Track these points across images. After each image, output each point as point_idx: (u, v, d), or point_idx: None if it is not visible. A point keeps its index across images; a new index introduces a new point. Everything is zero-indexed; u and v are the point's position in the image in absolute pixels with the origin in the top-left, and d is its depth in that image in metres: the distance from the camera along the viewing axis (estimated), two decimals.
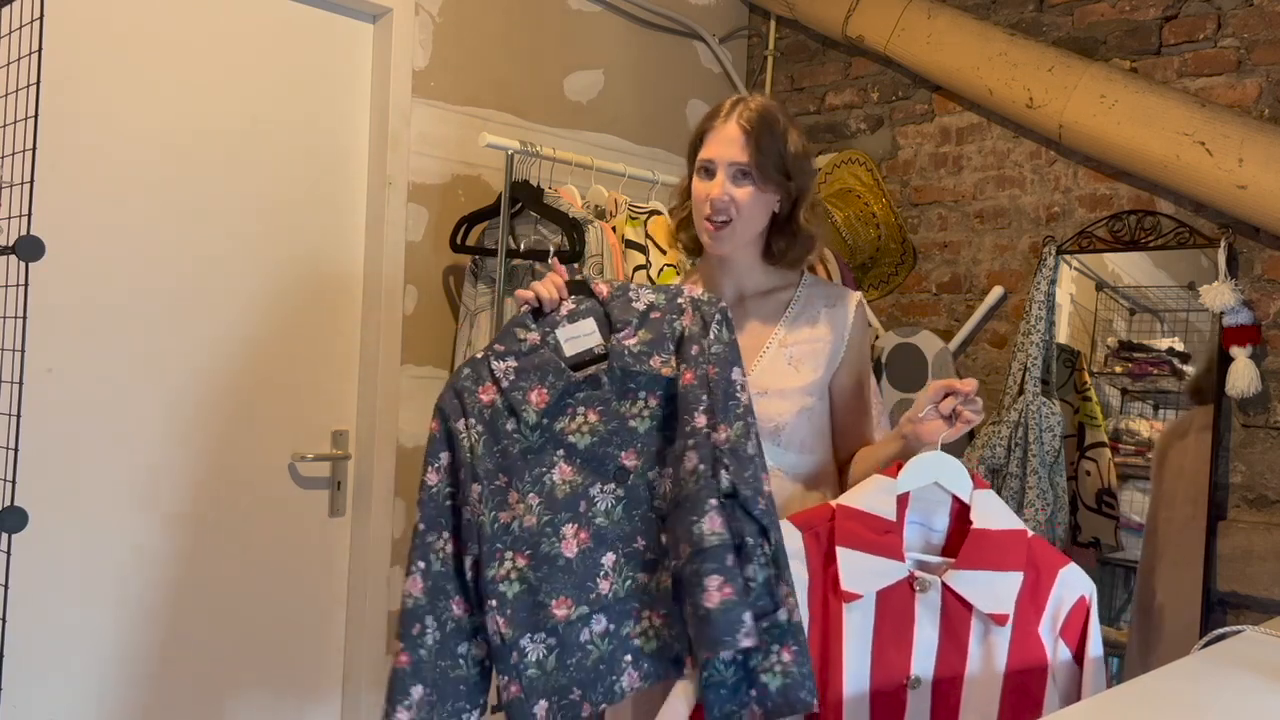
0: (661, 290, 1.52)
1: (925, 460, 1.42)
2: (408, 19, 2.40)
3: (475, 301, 2.37)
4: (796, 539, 1.40)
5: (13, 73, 1.53)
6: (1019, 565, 1.37)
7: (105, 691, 2.02)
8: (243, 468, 2.22)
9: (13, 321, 1.50)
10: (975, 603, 1.35)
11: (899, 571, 1.37)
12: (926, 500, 1.42)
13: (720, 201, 1.55)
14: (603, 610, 1.44)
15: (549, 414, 1.47)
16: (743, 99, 1.61)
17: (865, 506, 1.41)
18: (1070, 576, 1.39)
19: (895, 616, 1.37)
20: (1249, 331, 2.21)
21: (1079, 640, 1.37)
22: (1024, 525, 1.42)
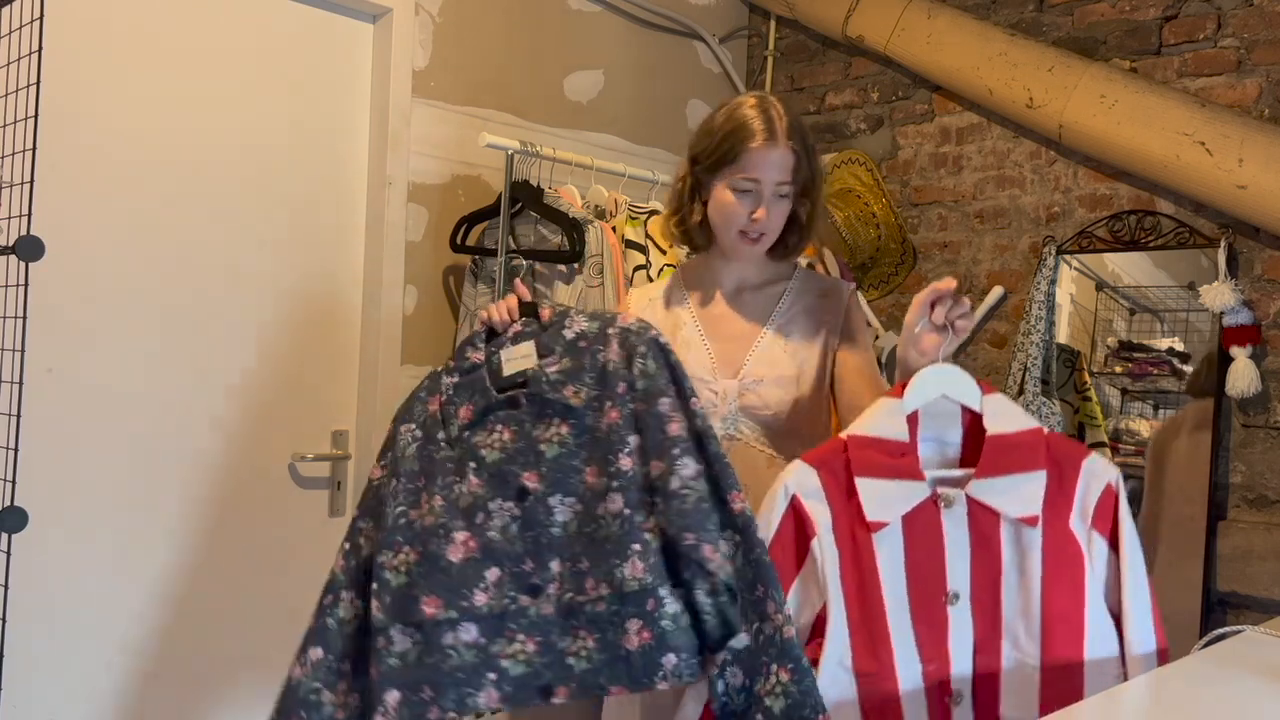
0: (597, 318, 1.54)
1: (928, 374, 1.39)
2: (408, 19, 2.40)
3: (475, 301, 2.37)
4: (813, 477, 1.38)
5: (13, 73, 1.53)
6: (1040, 464, 1.35)
7: (105, 691, 2.02)
8: (243, 468, 2.22)
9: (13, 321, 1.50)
10: (1003, 509, 1.34)
11: (922, 492, 1.35)
12: (936, 416, 1.40)
13: (762, 224, 1.58)
14: (474, 620, 1.47)
15: (470, 428, 1.55)
16: (771, 110, 1.59)
17: (876, 432, 1.38)
18: (1094, 466, 1.37)
19: (924, 537, 1.35)
20: (1249, 331, 2.21)
21: (1112, 528, 1.36)
22: (1038, 423, 1.40)
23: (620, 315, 1.55)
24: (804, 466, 1.39)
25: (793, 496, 1.37)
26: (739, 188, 1.58)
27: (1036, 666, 1.35)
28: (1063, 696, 1.33)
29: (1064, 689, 1.34)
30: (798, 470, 1.39)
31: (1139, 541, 1.37)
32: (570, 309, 1.59)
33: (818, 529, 1.36)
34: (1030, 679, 1.35)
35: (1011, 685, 1.36)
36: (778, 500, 1.37)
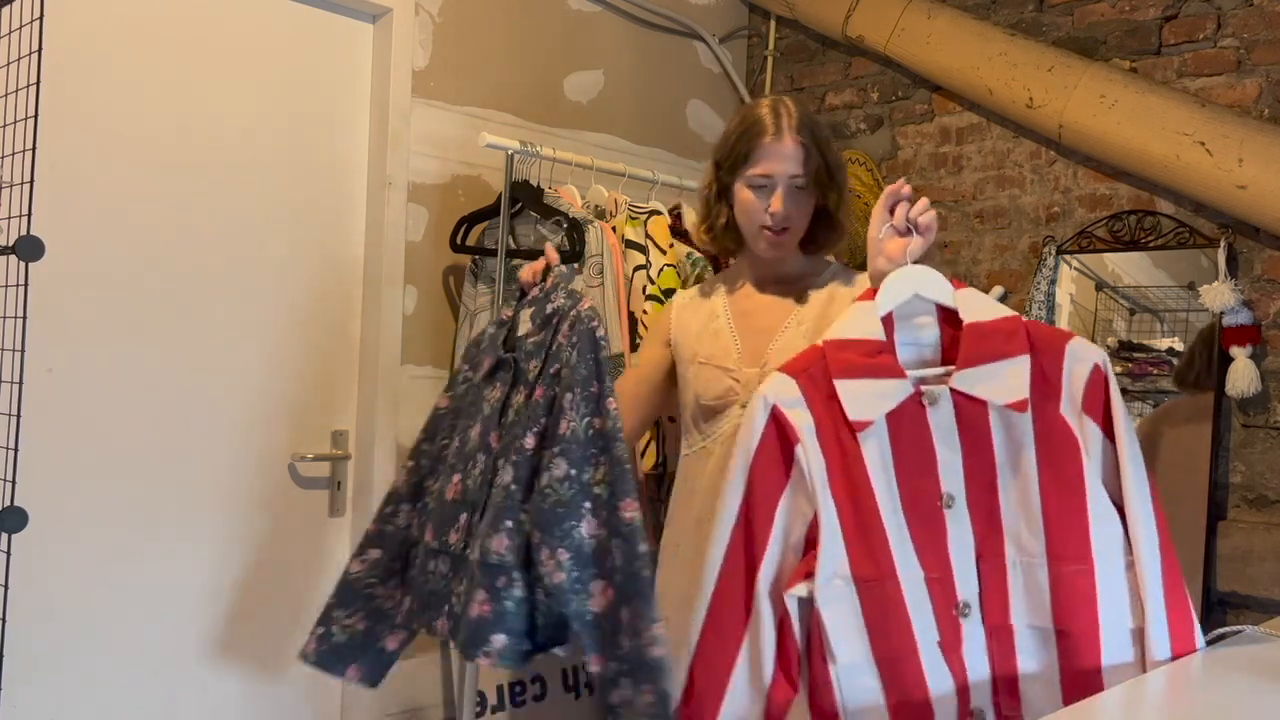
0: (572, 296, 1.62)
1: (899, 276, 1.37)
2: (408, 19, 2.40)
3: (475, 301, 2.37)
4: (791, 385, 1.33)
5: (13, 73, 1.53)
6: (1023, 349, 1.31)
7: (105, 691, 2.02)
8: (243, 468, 2.22)
9: (13, 321, 1.50)
10: (989, 397, 1.29)
11: (904, 389, 1.30)
12: (911, 318, 1.37)
13: (782, 215, 1.62)
14: (447, 555, 1.63)
15: (485, 379, 1.71)
16: (780, 107, 1.64)
17: (852, 334, 1.35)
18: (1078, 348, 1.33)
19: (911, 438, 1.30)
20: (1249, 331, 2.21)
21: (1103, 412, 1.31)
22: (1013, 312, 1.37)
23: (585, 297, 1.62)
24: (781, 376, 1.35)
25: (772, 406, 1.32)
26: (755, 184, 1.63)
27: (1044, 566, 1.29)
28: (1074, 596, 1.27)
29: (1074, 587, 1.28)
30: (775, 380, 1.35)
31: (1132, 423, 1.32)
32: (561, 280, 1.67)
33: (801, 436, 1.30)
34: (1038, 582, 1.29)
35: (1019, 591, 1.30)
36: (757, 412, 1.32)
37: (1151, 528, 1.28)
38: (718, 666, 1.27)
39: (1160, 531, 1.28)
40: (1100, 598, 1.27)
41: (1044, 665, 1.30)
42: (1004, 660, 1.31)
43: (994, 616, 1.31)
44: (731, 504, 1.30)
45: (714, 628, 1.29)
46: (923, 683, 1.26)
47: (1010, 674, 1.30)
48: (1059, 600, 1.28)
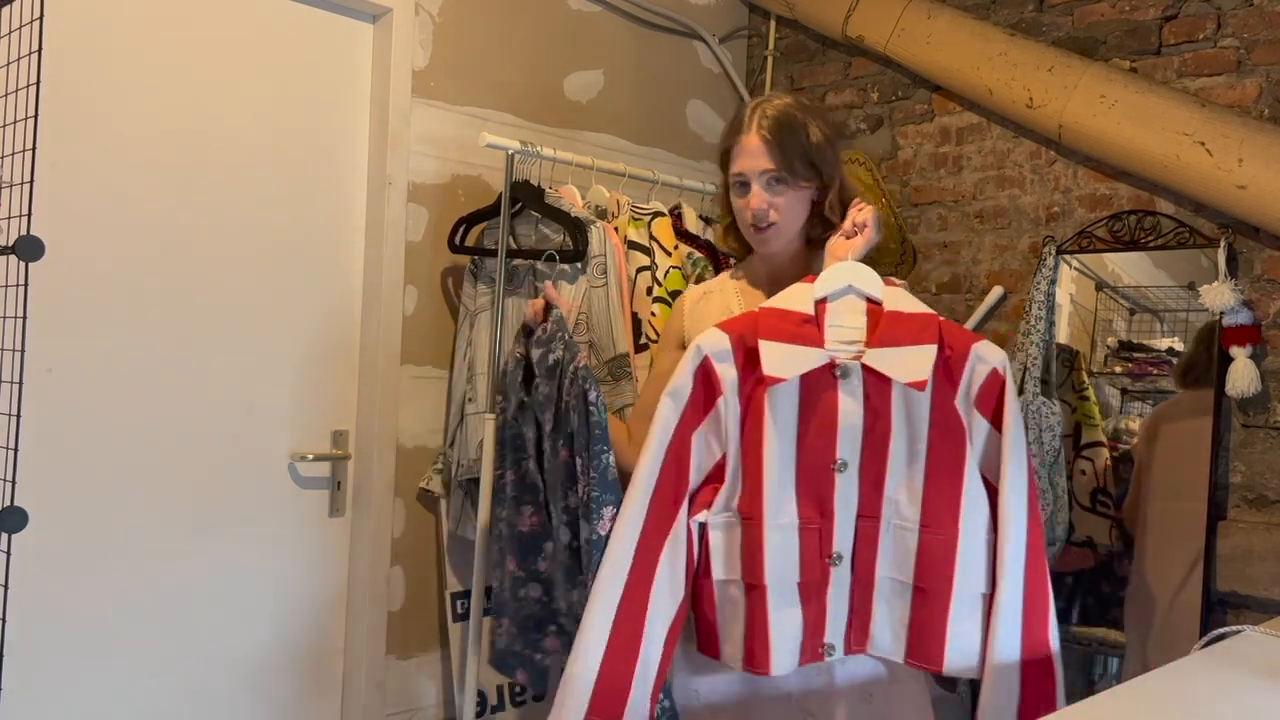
0: (570, 349, 1.73)
1: (839, 268, 1.53)
2: (408, 19, 2.40)
3: (475, 301, 2.37)
4: (724, 340, 1.50)
5: (13, 73, 1.53)
6: (932, 340, 1.46)
7: (105, 691, 2.02)
8: (243, 468, 2.21)
9: (13, 321, 1.50)
10: (893, 375, 1.44)
11: (820, 358, 1.46)
12: (842, 308, 1.52)
13: (760, 211, 1.64)
14: (538, 581, 1.76)
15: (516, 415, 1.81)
16: (760, 104, 1.66)
17: (785, 305, 1.51)
18: (983, 350, 1.48)
19: (819, 403, 1.47)
20: (1249, 331, 2.21)
21: (995, 409, 1.47)
22: (933, 311, 1.52)
23: (580, 353, 1.73)
24: (717, 331, 1.52)
25: (704, 356, 1.49)
26: (735, 183, 1.67)
27: (915, 532, 1.48)
28: (936, 559, 1.47)
29: (938, 552, 1.46)
30: (711, 334, 1.51)
31: (1023, 424, 1.48)
32: (562, 329, 1.76)
33: (724, 388, 1.49)
34: (907, 544, 1.49)
35: (889, 548, 1.49)
36: (690, 358, 1.50)
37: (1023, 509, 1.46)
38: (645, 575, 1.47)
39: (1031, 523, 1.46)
40: (958, 563, 1.46)
41: (897, 613, 1.50)
42: (863, 605, 1.51)
43: (862, 568, 1.51)
44: (663, 437, 1.48)
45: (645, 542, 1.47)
46: (765, 615, 1.46)
47: (865, 617, 1.51)
48: (922, 561, 1.48)
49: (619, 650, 1.44)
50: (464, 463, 2.31)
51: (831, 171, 1.66)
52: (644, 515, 1.47)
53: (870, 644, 1.52)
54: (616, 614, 1.44)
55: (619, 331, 2.19)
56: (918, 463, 1.47)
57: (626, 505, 1.48)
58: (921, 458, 1.47)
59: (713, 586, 1.51)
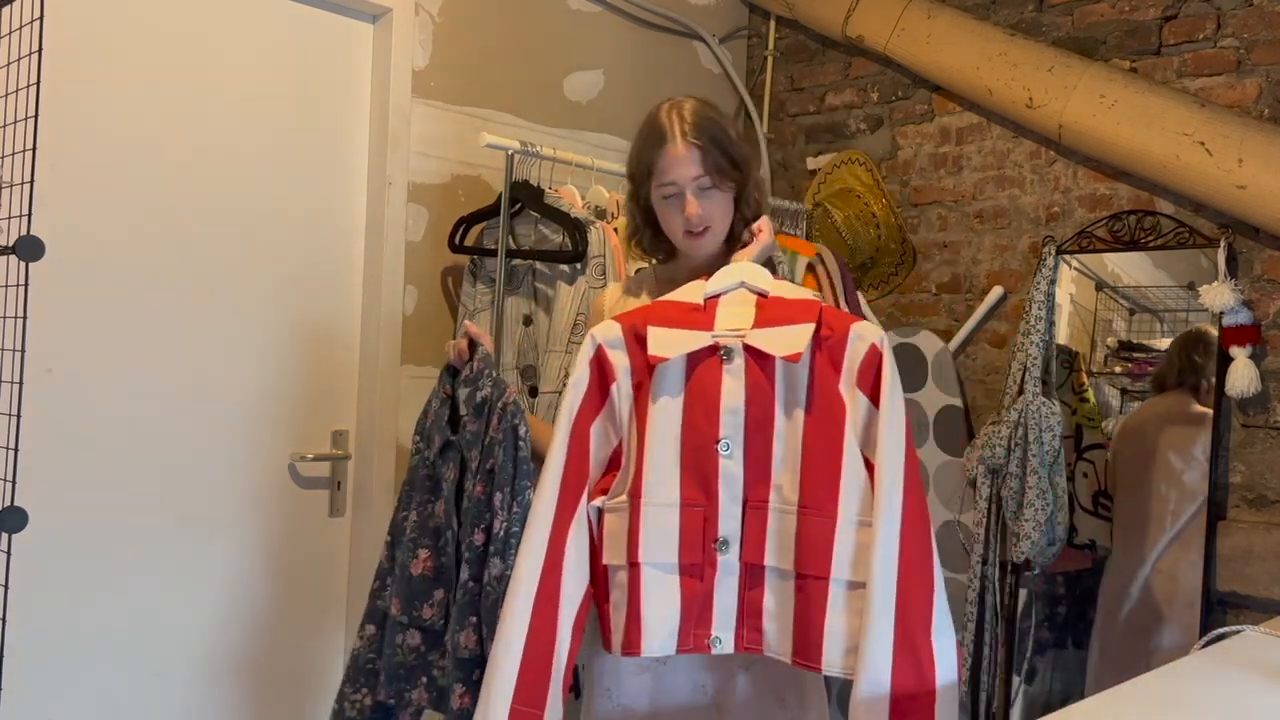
0: (499, 386, 1.75)
1: (733, 267, 1.57)
2: (408, 19, 2.40)
3: (475, 301, 2.37)
4: (617, 330, 1.53)
5: (13, 73, 1.53)
6: (811, 319, 1.48)
7: (105, 691, 2.02)
8: (243, 468, 2.22)
9: (13, 321, 1.50)
10: (771, 349, 1.45)
11: (704, 340, 1.48)
12: (732, 301, 1.54)
13: (697, 218, 1.64)
14: (418, 629, 1.74)
15: (439, 456, 1.80)
16: (673, 109, 1.68)
17: (677, 298, 1.56)
18: (861, 329, 1.49)
19: (704, 385, 1.48)
20: (1249, 331, 2.21)
21: (873, 384, 1.46)
22: (818, 297, 1.55)
23: (509, 388, 1.74)
24: (610, 322, 1.55)
25: (598, 345, 1.52)
26: (665, 193, 1.66)
27: (794, 514, 1.45)
28: (814, 544, 1.42)
29: (816, 536, 1.43)
30: (605, 325, 1.55)
31: (901, 396, 1.47)
32: (488, 367, 1.77)
33: (617, 375, 1.51)
34: (788, 527, 1.45)
35: (774, 535, 1.45)
36: (586, 348, 1.53)
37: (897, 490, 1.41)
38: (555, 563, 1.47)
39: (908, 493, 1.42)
40: (835, 548, 1.41)
41: (782, 604, 1.45)
42: (753, 596, 1.46)
43: (750, 555, 1.46)
44: (566, 426, 1.50)
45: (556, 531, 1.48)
46: (639, 594, 1.45)
47: (756, 609, 1.46)
48: (801, 546, 1.43)
49: (537, 639, 1.43)
50: None
51: (748, 169, 1.69)
52: (554, 504, 1.48)
53: (764, 642, 1.46)
54: (534, 602, 1.44)
55: None
56: (797, 443, 1.45)
57: (539, 495, 1.49)
58: (800, 438, 1.45)
59: (606, 574, 1.50)
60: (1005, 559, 2.46)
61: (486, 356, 1.78)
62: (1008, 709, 2.47)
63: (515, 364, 2.32)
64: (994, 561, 2.46)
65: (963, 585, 2.54)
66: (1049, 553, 2.35)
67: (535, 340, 2.30)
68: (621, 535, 1.48)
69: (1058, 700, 2.47)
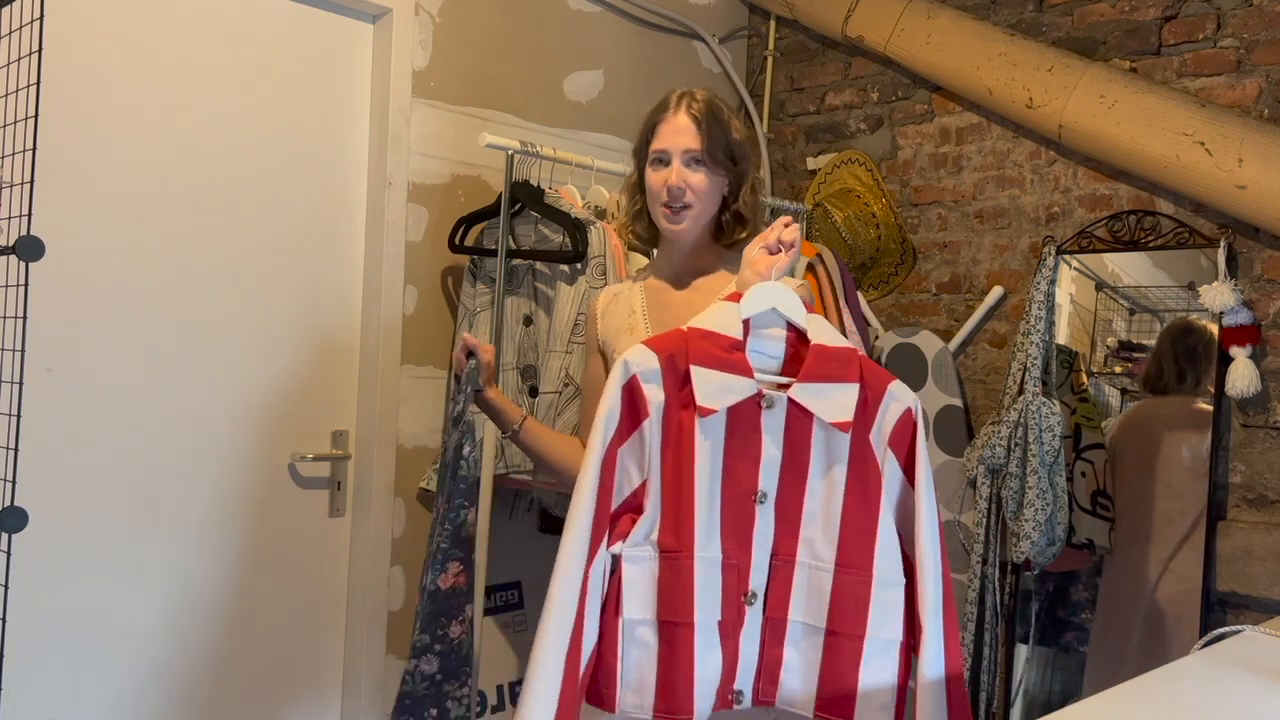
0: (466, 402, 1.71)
1: (765, 289, 1.49)
2: (408, 19, 2.40)
3: (475, 301, 2.37)
4: (653, 360, 1.45)
5: (13, 73, 1.53)
6: (855, 378, 1.45)
7: (105, 691, 2.02)
8: (243, 468, 2.22)
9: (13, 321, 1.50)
10: (819, 413, 1.43)
11: (749, 388, 1.43)
12: (763, 328, 1.50)
13: (677, 188, 1.64)
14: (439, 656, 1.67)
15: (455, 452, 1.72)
16: (688, 91, 1.69)
17: (715, 327, 1.47)
18: (897, 390, 1.47)
19: (743, 433, 1.44)
20: (1249, 331, 2.21)
21: (907, 452, 1.45)
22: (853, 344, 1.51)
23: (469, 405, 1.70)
24: (645, 349, 1.46)
25: (631, 375, 1.44)
26: (655, 160, 1.67)
27: (830, 573, 1.44)
28: (850, 603, 1.42)
29: (852, 595, 1.42)
30: (639, 351, 1.46)
31: (929, 465, 1.46)
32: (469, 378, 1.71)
33: (650, 411, 1.44)
34: (821, 585, 1.44)
35: (802, 590, 1.44)
36: (618, 375, 1.45)
37: (937, 558, 1.42)
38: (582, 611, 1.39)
39: (944, 561, 1.44)
40: (872, 608, 1.42)
41: (807, 659, 1.44)
42: (772, 649, 1.45)
43: (774, 609, 1.45)
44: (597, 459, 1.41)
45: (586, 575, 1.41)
46: (691, 655, 1.40)
47: (775, 662, 1.45)
48: (836, 604, 1.43)
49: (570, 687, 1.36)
50: None
51: (746, 167, 1.69)
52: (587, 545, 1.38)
53: (779, 694, 1.45)
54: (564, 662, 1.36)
55: None
56: (835, 501, 1.44)
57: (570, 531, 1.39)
58: (840, 495, 1.44)
59: (618, 627, 1.41)
60: (1005, 559, 2.46)
61: (472, 369, 1.70)
62: (1008, 709, 2.47)
63: (515, 364, 2.32)
64: (994, 561, 2.46)
65: (963, 585, 2.54)
66: (1049, 553, 2.35)
67: (535, 340, 2.30)
68: (647, 588, 1.42)
69: (1058, 700, 2.47)
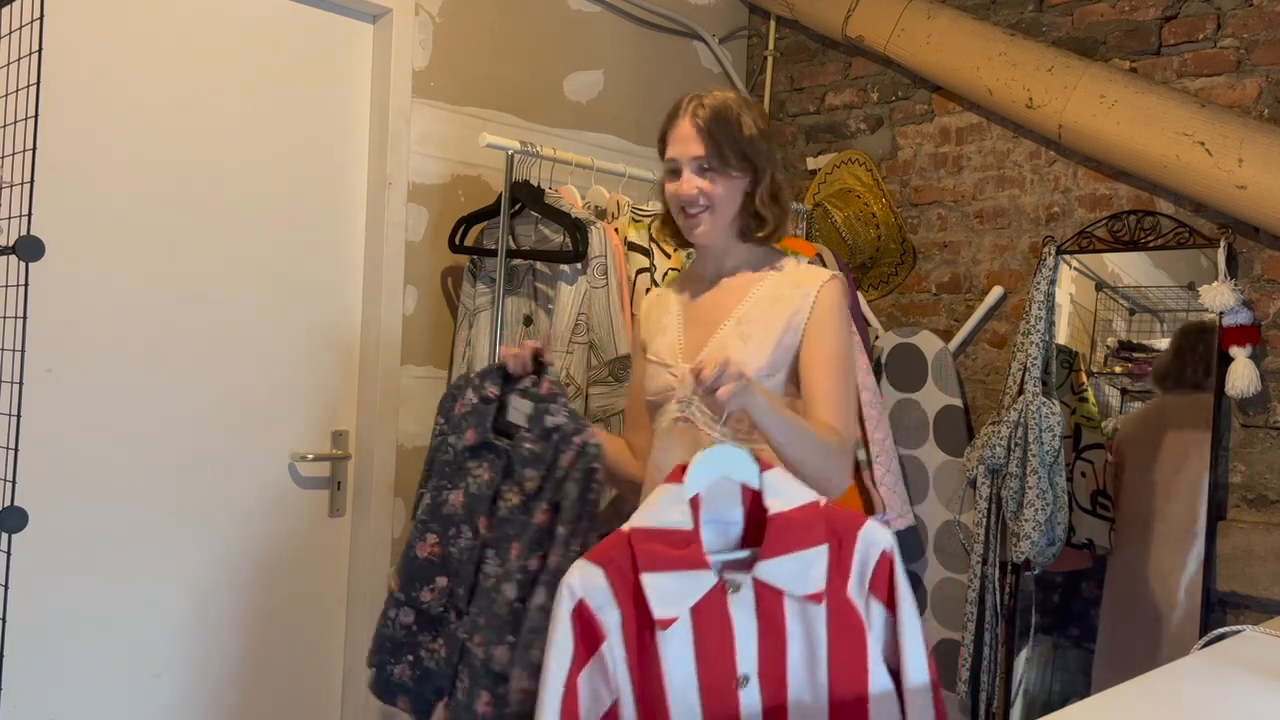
0: (573, 418, 1.67)
1: (709, 457, 1.41)
2: (408, 19, 2.40)
3: (475, 301, 2.37)
4: (599, 577, 1.36)
5: (13, 73, 1.53)
6: (822, 539, 1.38)
7: (105, 691, 2.02)
8: (243, 468, 2.22)
9: (13, 321, 1.50)
10: (788, 589, 1.36)
11: (709, 580, 1.35)
12: (718, 496, 1.41)
13: (688, 196, 1.65)
14: (412, 608, 1.75)
15: (469, 451, 1.74)
16: (697, 96, 1.70)
17: (660, 523, 1.38)
18: (871, 534, 1.40)
19: (713, 626, 1.36)
20: (1249, 331, 2.21)
21: (889, 591, 1.39)
22: (814, 495, 1.42)
23: (590, 427, 1.66)
24: (588, 566, 1.37)
25: (578, 601, 1.35)
26: (669, 169, 1.69)
27: None
28: None
29: None
30: (582, 570, 1.37)
31: (913, 600, 1.40)
32: (556, 393, 1.70)
33: (607, 634, 1.35)
34: None
35: None
36: (563, 604, 1.36)
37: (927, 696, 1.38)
38: None
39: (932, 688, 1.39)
40: None
41: None
42: None
43: None
44: (554, 692, 1.33)
45: None
46: None
47: None
48: None
49: None
50: None
51: (763, 164, 1.67)
52: None
53: None
54: None
55: (619, 332, 2.20)
56: (820, 669, 1.37)
57: None
58: (823, 664, 1.37)
59: None
60: (1005, 559, 2.46)
61: (559, 382, 1.71)
62: (1008, 709, 2.47)
63: None
64: (994, 561, 2.46)
65: (963, 585, 2.54)
66: (1049, 553, 2.35)
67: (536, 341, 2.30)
68: None
69: (1058, 700, 2.47)
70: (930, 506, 2.66)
